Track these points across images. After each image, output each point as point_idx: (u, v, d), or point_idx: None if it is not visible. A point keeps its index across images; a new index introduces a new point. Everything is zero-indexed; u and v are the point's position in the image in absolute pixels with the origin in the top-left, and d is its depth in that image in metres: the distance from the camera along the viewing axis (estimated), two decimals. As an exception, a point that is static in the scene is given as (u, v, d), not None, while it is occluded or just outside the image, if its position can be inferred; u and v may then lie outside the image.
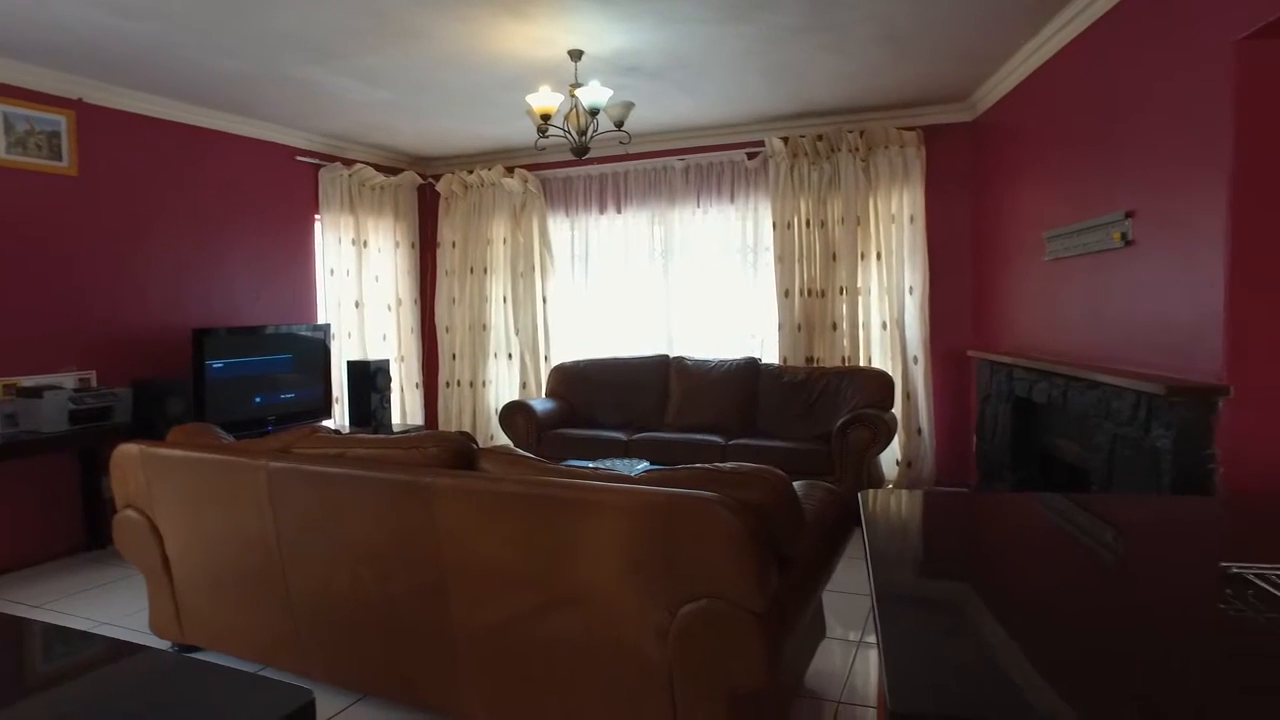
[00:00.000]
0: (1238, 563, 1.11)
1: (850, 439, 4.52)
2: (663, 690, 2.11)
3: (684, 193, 6.11)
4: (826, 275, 5.63)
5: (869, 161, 5.54)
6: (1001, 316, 4.97)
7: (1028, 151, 4.54)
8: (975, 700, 0.82)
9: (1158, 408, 2.86)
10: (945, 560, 1.25)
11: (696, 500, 1.98)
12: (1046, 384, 3.82)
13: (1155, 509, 1.55)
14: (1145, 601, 1.10)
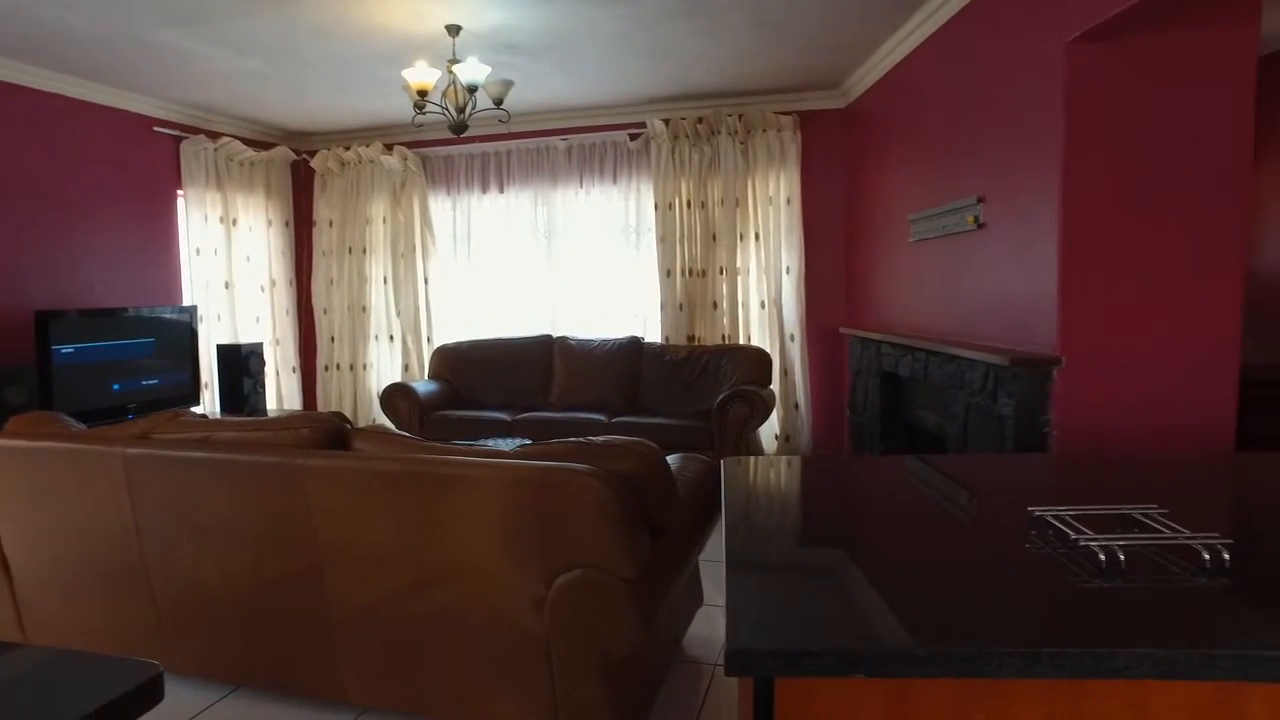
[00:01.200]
0: (1040, 507, 1.24)
1: (729, 415, 4.66)
2: (540, 660, 2.15)
3: (567, 173, 6.11)
4: (707, 255, 5.76)
5: (748, 144, 5.69)
6: (872, 295, 5.23)
7: (894, 138, 4.78)
8: (802, 635, 0.90)
9: (1003, 378, 3.09)
10: (793, 517, 1.34)
11: (568, 473, 2.02)
12: (910, 359, 4.06)
13: (989, 465, 1.69)
14: (966, 542, 1.22)
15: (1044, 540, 1.18)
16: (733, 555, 1.16)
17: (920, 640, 0.87)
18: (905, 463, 1.72)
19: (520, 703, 2.21)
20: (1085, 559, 1.10)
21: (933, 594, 1.02)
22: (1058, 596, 0.99)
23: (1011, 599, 1.00)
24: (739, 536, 1.25)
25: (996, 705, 0.88)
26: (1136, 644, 0.85)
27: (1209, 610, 0.94)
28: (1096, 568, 1.07)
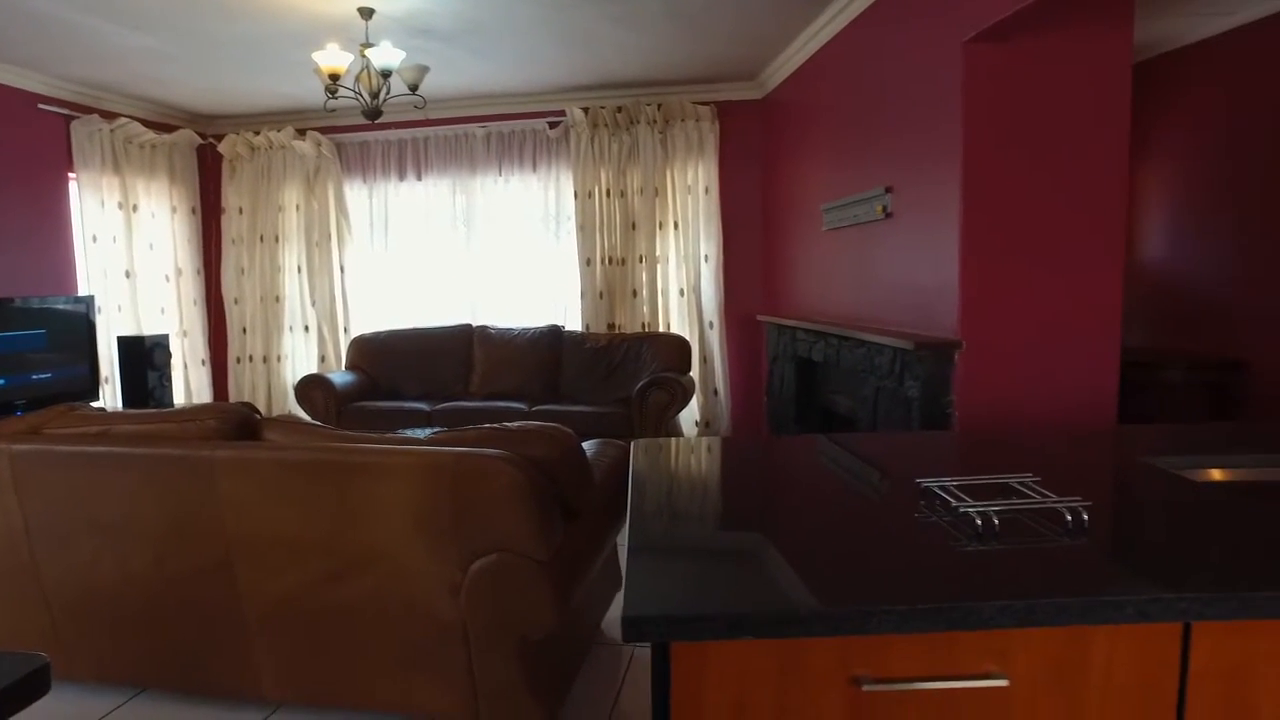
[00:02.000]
0: (929, 479, 1.32)
1: (649, 401, 4.72)
2: (458, 646, 2.15)
3: (486, 161, 6.05)
4: (627, 244, 5.80)
5: (666, 134, 5.74)
6: (788, 283, 5.36)
7: (808, 129, 4.89)
8: (696, 601, 0.94)
9: (909, 361, 3.22)
10: (698, 494, 1.38)
11: (482, 458, 2.03)
12: (823, 344, 4.18)
13: (888, 443, 1.76)
14: (860, 513, 1.28)
15: (931, 509, 1.26)
16: (635, 530, 1.20)
17: (806, 602, 0.93)
18: (808, 441, 1.79)
19: (439, 689, 2.21)
20: (965, 524, 1.18)
21: (824, 561, 1.08)
22: (938, 559, 1.06)
23: (896, 563, 1.06)
24: (643, 513, 1.28)
25: (877, 659, 0.94)
26: (1000, 597, 0.92)
27: (1066, 565, 1.03)
28: (975, 532, 1.15)
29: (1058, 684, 0.96)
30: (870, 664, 0.94)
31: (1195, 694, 0.97)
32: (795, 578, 1.01)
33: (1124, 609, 0.92)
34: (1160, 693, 0.96)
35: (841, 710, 0.95)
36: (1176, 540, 1.12)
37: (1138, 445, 1.69)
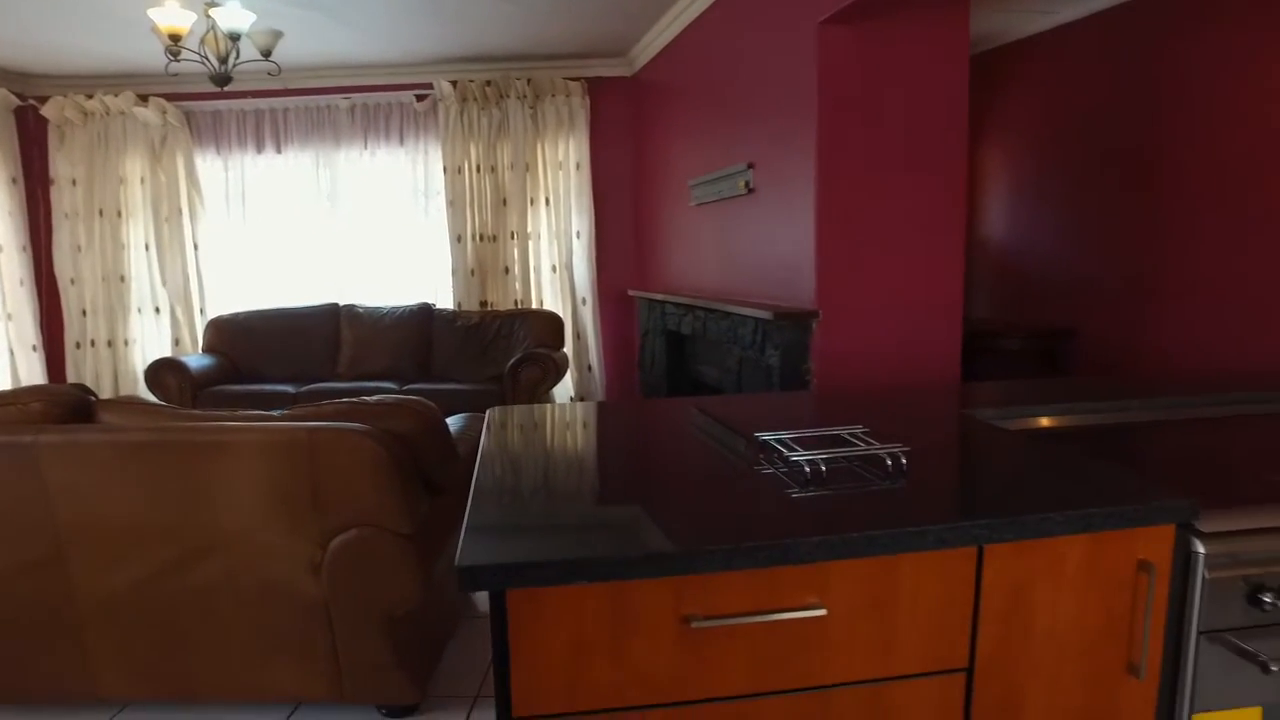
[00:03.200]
0: (767, 433, 1.39)
1: (522, 378, 4.71)
2: (321, 625, 2.11)
3: (350, 133, 5.83)
4: (498, 220, 5.74)
5: (537, 109, 5.69)
6: (658, 258, 5.45)
7: (676, 107, 4.97)
8: (531, 550, 0.96)
9: (770, 331, 3.36)
10: (546, 454, 1.41)
11: (340, 432, 1.99)
12: (691, 317, 4.28)
13: (738, 403, 1.84)
14: (702, 465, 1.34)
15: (769, 461, 1.33)
16: (478, 488, 1.22)
17: (637, 547, 0.97)
18: (659, 403, 1.85)
19: (301, 671, 2.16)
20: (796, 472, 1.26)
21: (660, 509, 1.13)
22: (769, 504, 1.13)
23: (730, 509, 1.12)
24: (488, 472, 1.30)
25: (708, 598, 1.00)
26: (817, 534, 1.00)
27: (882, 503, 1.12)
28: (804, 478, 1.23)
29: (872, 609, 1.05)
30: (700, 603, 1.00)
31: (987, 606, 1.08)
32: (630, 525, 1.06)
33: (926, 538, 1.02)
34: (959, 608, 1.07)
35: (673, 647, 1.00)
36: (977, 478, 1.24)
37: (963, 401, 1.84)
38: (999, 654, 1.10)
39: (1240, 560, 1.16)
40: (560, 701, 1.00)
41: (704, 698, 1.03)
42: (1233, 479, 1.36)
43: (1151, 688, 1.17)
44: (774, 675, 1.04)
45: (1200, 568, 1.14)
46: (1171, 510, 1.11)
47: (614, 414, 1.80)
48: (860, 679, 1.07)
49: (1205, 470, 1.43)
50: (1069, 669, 1.14)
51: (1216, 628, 1.16)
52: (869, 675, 1.07)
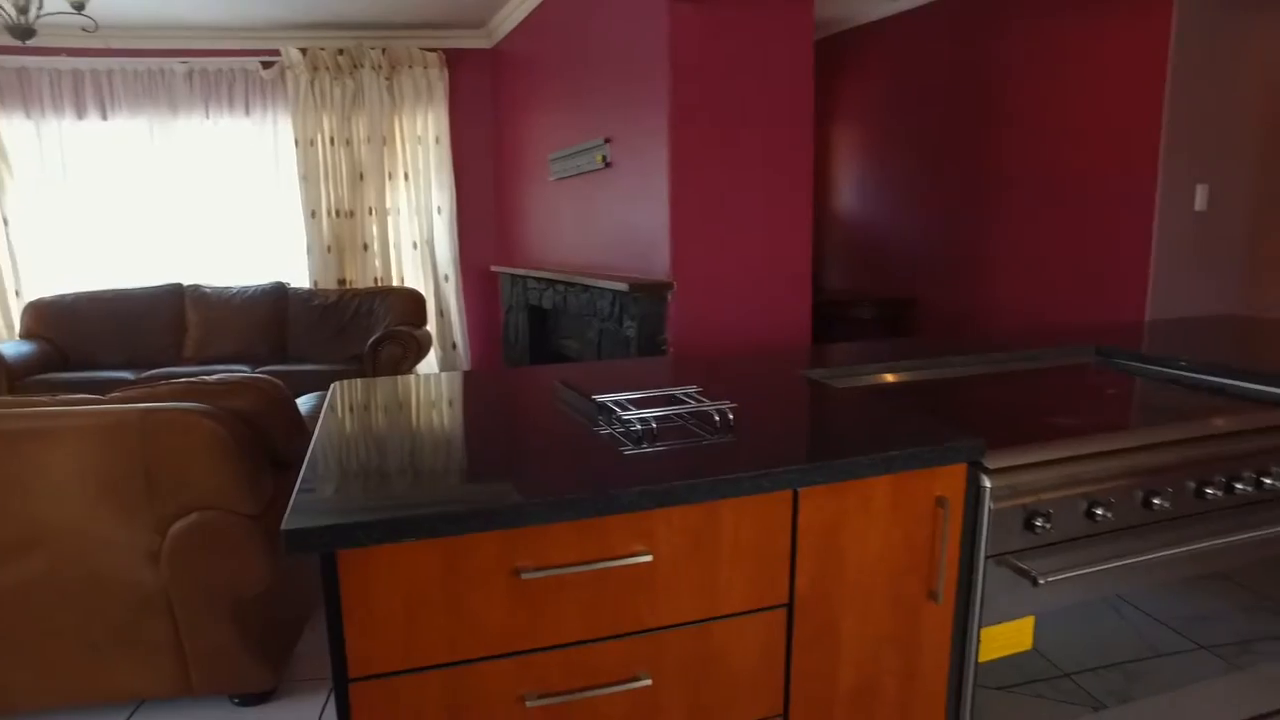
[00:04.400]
0: (605, 395, 1.44)
1: (382, 356, 4.60)
2: (161, 616, 2.02)
3: (189, 100, 5.46)
4: (355, 195, 5.54)
5: (393, 80, 5.52)
6: (520, 233, 5.42)
7: (536, 80, 4.93)
8: (359, 511, 0.97)
9: (627, 303, 3.42)
10: (388, 423, 1.40)
11: (174, 412, 1.90)
12: (553, 291, 4.30)
13: (592, 369, 1.87)
14: (544, 425, 1.37)
15: (607, 421, 1.38)
16: (312, 456, 1.21)
17: (466, 502, 1.00)
18: (508, 372, 1.86)
19: (141, 667, 2.06)
20: (633, 431, 1.31)
21: (496, 468, 1.15)
22: (603, 460, 1.17)
23: (564, 466, 1.16)
24: (323, 439, 1.29)
25: (537, 550, 1.04)
26: (641, 484, 1.05)
27: (706, 455, 1.18)
28: (636, 436, 1.28)
29: (695, 552, 1.11)
30: (531, 555, 1.03)
31: (803, 545, 1.17)
32: (461, 483, 1.08)
33: (742, 484, 1.09)
34: (777, 548, 1.16)
35: (506, 599, 1.03)
36: (797, 429, 1.33)
37: (799, 363, 1.95)
38: (816, 589, 1.20)
39: (1019, 491, 1.31)
40: (397, 659, 1.01)
41: (540, 646, 1.07)
42: (1019, 422, 1.52)
43: (948, 610, 1.31)
44: (607, 621, 1.09)
45: (987, 500, 1.28)
46: (962, 450, 1.23)
47: (459, 382, 1.80)
48: (689, 620, 1.14)
49: (998, 415, 1.59)
50: (878, 599, 1.25)
51: (1000, 552, 1.31)
52: (697, 616, 1.14)
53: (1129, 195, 4.23)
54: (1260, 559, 1.63)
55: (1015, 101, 4.80)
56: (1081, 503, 1.37)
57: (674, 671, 1.14)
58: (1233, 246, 4.51)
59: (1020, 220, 4.83)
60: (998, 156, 4.93)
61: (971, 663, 1.35)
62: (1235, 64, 4.29)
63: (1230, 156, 4.38)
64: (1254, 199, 4.54)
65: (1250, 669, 1.67)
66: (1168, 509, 1.45)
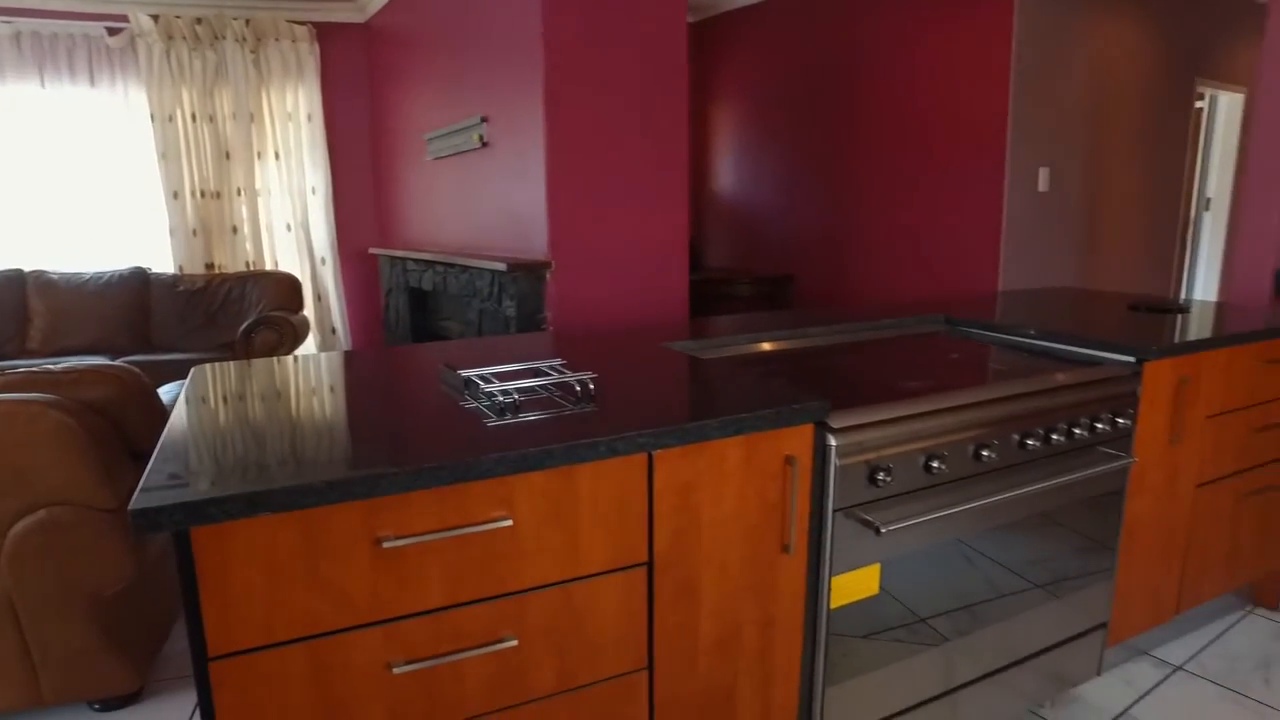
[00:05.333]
0: (470, 370, 1.46)
1: (256, 343, 4.43)
2: (3, 623, 1.91)
3: (18, 67, 5.03)
4: (221, 175, 5.28)
5: (259, 54, 5.27)
6: (398, 214, 5.30)
7: (410, 57, 4.82)
8: (212, 487, 0.96)
9: (506, 283, 3.42)
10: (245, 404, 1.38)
11: (14, 404, 1.79)
12: (432, 273, 4.24)
13: (465, 346, 1.88)
14: (411, 400, 1.37)
15: (473, 395, 1.40)
16: (167, 434, 1.18)
17: (323, 475, 1.00)
18: (380, 351, 1.85)
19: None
20: (495, 403, 1.34)
21: (359, 442, 1.16)
22: (466, 431, 1.20)
23: (427, 437, 1.18)
24: (180, 420, 1.26)
25: (399, 518, 1.06)
26: (498, 451, 1.08)
27: (567, 423, 1.23)
28: (500, 407, 1.31)
29: (556, 516, 1.16)
30: (392, 524, 1.05)
31: (660, 506, 1.24)
32: (320, 456, 1.08)
33: (598, 448, 1.14)
34: (635, 510, 1.22)
35: (369, 569, 1.05)
36: (655, 397, 1.39)
37: (667, 336, 2.02)
38: (674, 548, 1.27)
39: (864, 448, 1.41)
40: (259, 635, 1.02)
41: (405, 614, 1.09)
42: (868, 386, 1.63)
43: (801, 561, 1.40)
44: (470, 586, 1.12)
45: (833, 457, 1.37)
46: (808, 412, 1.32)
47: (325, 362, 1.78)
48: (553, 581, 1.18)
49: (850, 380, 1.70)
50: (734, 554, 1.33)
51: (847, 505, 1.41)
52: (560, 577, 1.19)
53: (981, 177, 4.52)
54: (1083, 502, 1.82)
55: (880, 87, 5.03)
56: (920, 457, 1.49)
57: (540, 631, 1.19)
58: (1071, 224, 4.90)
59: (887, 200, 5.08)
60: (865, 139, 5.16)
61: (824, 609, 1.45)
62: (1069, 60, 4.64)
63: (1067, 142, 4.74)
64: (1088, 181, 4.94)
65: (1065, 597, 1.87)
66: (995, 460, 1.60)
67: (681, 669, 1.33)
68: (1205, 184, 6.44)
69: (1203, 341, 2.02)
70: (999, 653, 1.78)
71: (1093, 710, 2.10)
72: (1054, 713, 2.09)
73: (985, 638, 1.73)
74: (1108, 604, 1.99)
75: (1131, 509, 1.97)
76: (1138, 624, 2.13)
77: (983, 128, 4.48)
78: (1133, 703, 2.14)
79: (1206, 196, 6.46)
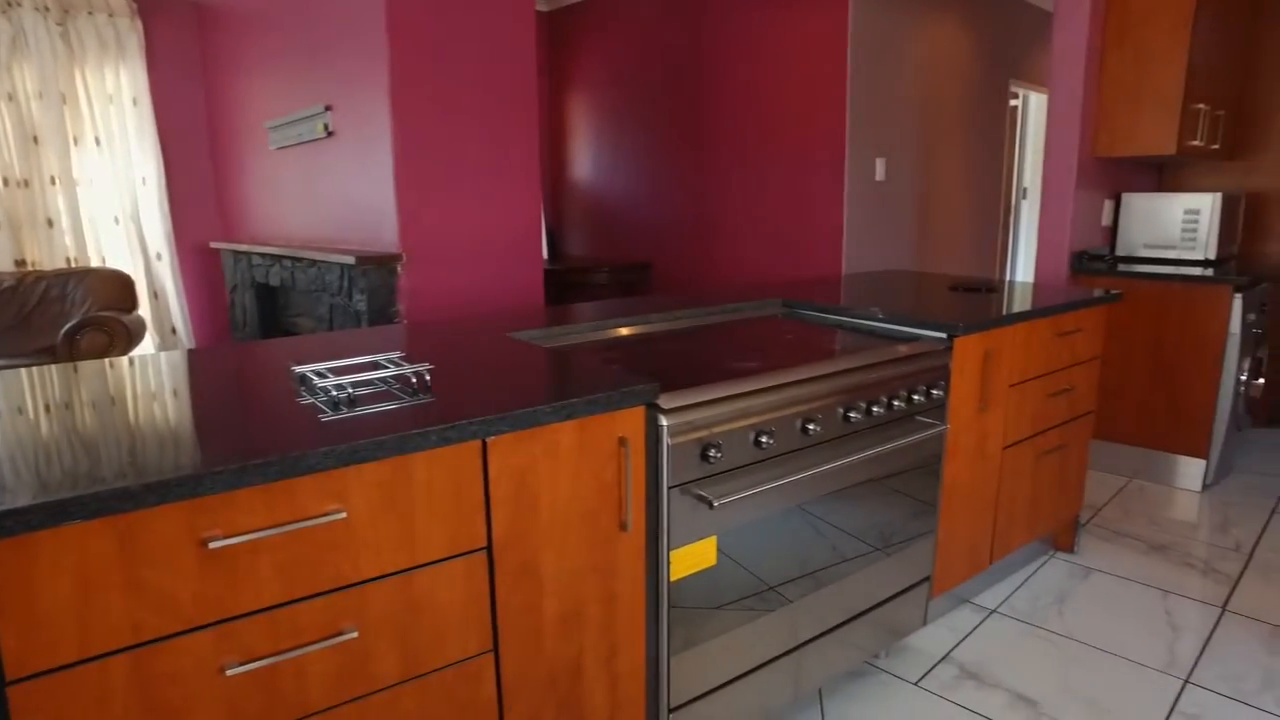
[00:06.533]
0: (305, 366, 1.44)
1: (82, 346, 4.12)
2: None
3: None
4: (29, 162, 4.84)
5: (68, 28, 4.85)
6: (241, 206, 5.04)
7: (247, 39, 4.58)
8: (8, 499, 0.92)
9: (355, 277, 3.34)
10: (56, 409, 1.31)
11: None
12: (279, 267, 4.07)
13: (304, 343, 1.83)
14: (245, 398, 1.34)
15: (309, 390, 1.38)
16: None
17: (137, 478, 0.98)
18: (214, 349, 1.79)
19: None
20: (330, 398, 1.33)
21: (183, 442, 1.13)
22: (299, 427, 1.18)
23: (257, 435, 1.16)
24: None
25: (227, 518, 1.04)
26: (327, 445, 1.09)
27: (401, 414, 1.24)
28: (335, 402, 1.31)
29: (391, 506, 1.17)
30: (219, 524, 1.04)
31: (497, 492, 1.27)
32: (141, 459, 1.05)
33: (429, 437, 1.16)
34: (472, 496, 1.24)
35: (195, 571, 1.03)
36: (491, 385, 1.42)
37: (513, 325, 2.05)
38: (512, 531, 1.31)
39: (695, 426, 1.50)
40: (71, 650, 0.98)
41: (236, 615, 1.08)
42: (704, 367, 1.72)
43: (639, 538, 1.47)
44: (306, 581, 1.12)
45: (665, 437, 1.45)
46: (638, 394, 1.39)
47: (165, 363, 1.70)
48: (392, 570, 1.20)
49: (687, 363, 1.79)
50: (573, 534, 1.38)
51: (681, 481, 1.49)
52: (399, 566, 1.20)
53: (825, 165, 4.77)
54: (908, 468, 1.98)
55: (730, 77, 5.20)
56: (750, 433, 1.59)
57: (381, 621, 1.20)
58: (906, 211, 5.25)
59: (740, 187, 5.27)
60: (718, 128, 5.33)
61: (665, 581, 1.53)
62: (899, 58, 4.96)
63: (900, 135, 5.07)
64: (920, 171, 5.31)
65: (895, 555, 2.04)
66: (821, 433, 1.72)
67: (527, 648, 1.38)
68: (1022, 175, 7.04)
69: (1004, 318, 2.24)
70: (838, 610, 1.92)
71: (921, 656, 2.31)
72: (888, 662, 2.28)
73: (826, 597, 1.87)
74: (931, 559, 2.18)
75: (948, 471, 2.17)
76: (959, 575, 2.35)
77: (824, 119, 4.73)
78: (954, 645, 2.36)
79: (1024, 186, 7.06)
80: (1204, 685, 2.17)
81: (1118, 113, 3.61)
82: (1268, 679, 2.20)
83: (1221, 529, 3.14)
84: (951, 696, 2.12)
